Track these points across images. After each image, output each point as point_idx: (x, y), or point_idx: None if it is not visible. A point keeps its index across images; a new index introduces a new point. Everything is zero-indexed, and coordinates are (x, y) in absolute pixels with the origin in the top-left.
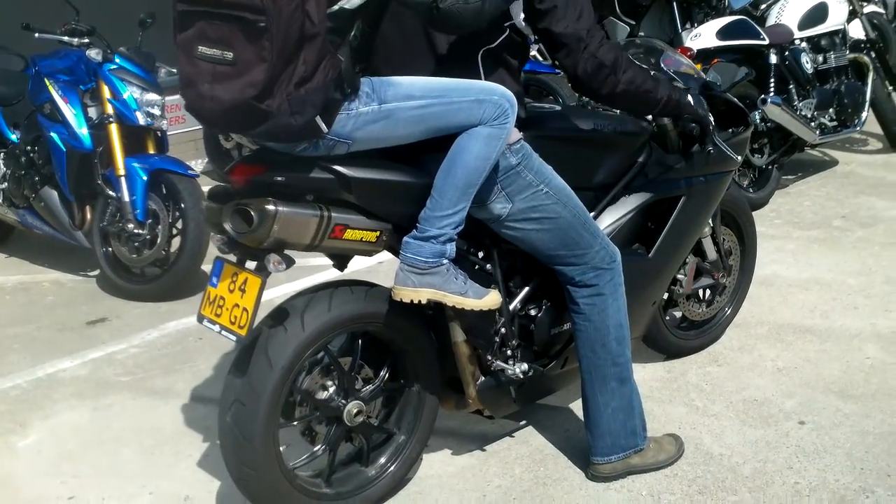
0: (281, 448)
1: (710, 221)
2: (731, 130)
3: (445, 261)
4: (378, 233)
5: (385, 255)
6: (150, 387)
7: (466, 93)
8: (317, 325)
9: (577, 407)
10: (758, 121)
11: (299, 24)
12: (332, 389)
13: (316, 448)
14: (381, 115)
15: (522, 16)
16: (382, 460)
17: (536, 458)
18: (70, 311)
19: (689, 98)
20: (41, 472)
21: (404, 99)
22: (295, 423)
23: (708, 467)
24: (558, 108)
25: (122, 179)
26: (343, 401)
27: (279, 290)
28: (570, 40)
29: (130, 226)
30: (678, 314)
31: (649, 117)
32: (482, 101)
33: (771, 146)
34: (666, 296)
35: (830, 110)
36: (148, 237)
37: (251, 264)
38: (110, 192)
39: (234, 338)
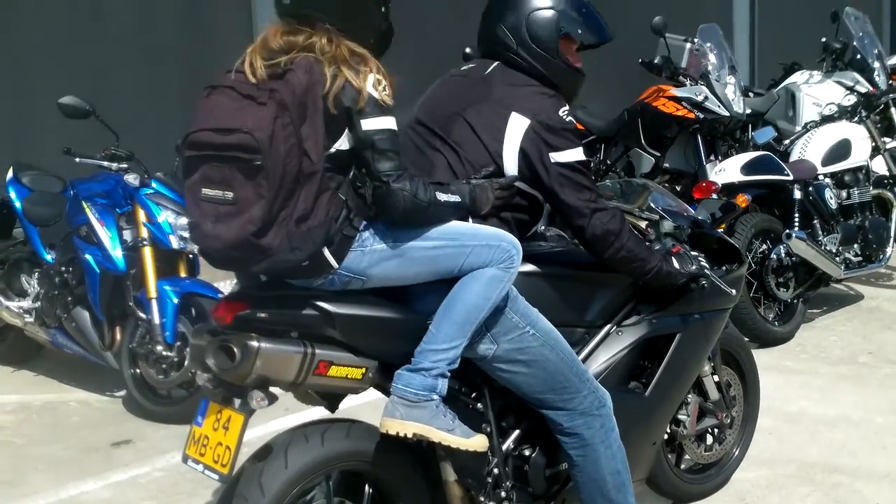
0: None
1: (711, 360)
2: (724, 268)
3: (435, 396)
4: (364, 370)
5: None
6: None
7: (477, 237)
8: (304, 461)
9: None
10: (783, 255)
11: (296, 162)
12: None
13: None
14: (395, 253)
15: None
16: None
17: None
18: (95, 431)
19: (676, 263)
20: None
21: (418, 239)
22: None
23: None
24: (549, 246)
25: (154, 302)
26: None
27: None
28: (580, 207)
29: (159, 348)
30: (685, 456)
31: None
32: (491, 245)
33: (796, 280)
34: (668, 436)
35: (855, 246)
36: (176, 359)
37: (236, 402)
38: (141, 314)
39: (216, 476)
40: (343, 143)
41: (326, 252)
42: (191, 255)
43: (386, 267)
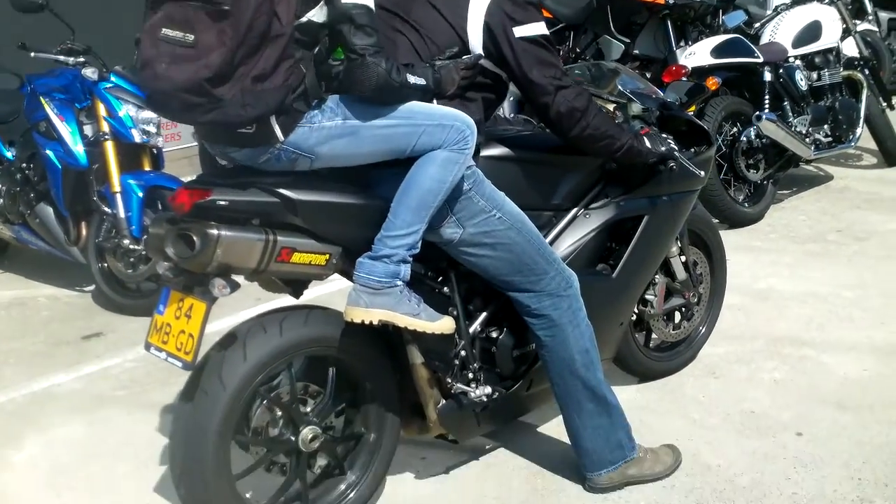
0: (248, 495)
1: (678, 241)
2: (693, 150)
3: (399, 282)
4: (327, 256)
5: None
6: (146, 401)
7: (430, 117)
8: (262, 352)
9: None
10: (753, 137)
11: (265, 19)
12: (280, 424)
13: (286, 478)
14: (346, 130)
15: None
16: (336, 492)
17: (533, 470)
18: (65, 325)
19: (647, 142)
20: (36, 485)
21: (370, 117)
22: (248, 439)
23: (705, 478)
24: (515, 129)
25: (118, 196)
26: (293, 434)
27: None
28: (544, 84)
29: (126, 242)
30: (652, 335)
31: None
32: (445, 125)
33: (766, 162)
34: (636, 316)
35: (825, 126)
36: (143, 253)
37: (198, 290)
38: (106, 209)
39: (180, 364)
40: (316, 15)
41: (274, 122)
42: (154, 150)
43: (335, 146)
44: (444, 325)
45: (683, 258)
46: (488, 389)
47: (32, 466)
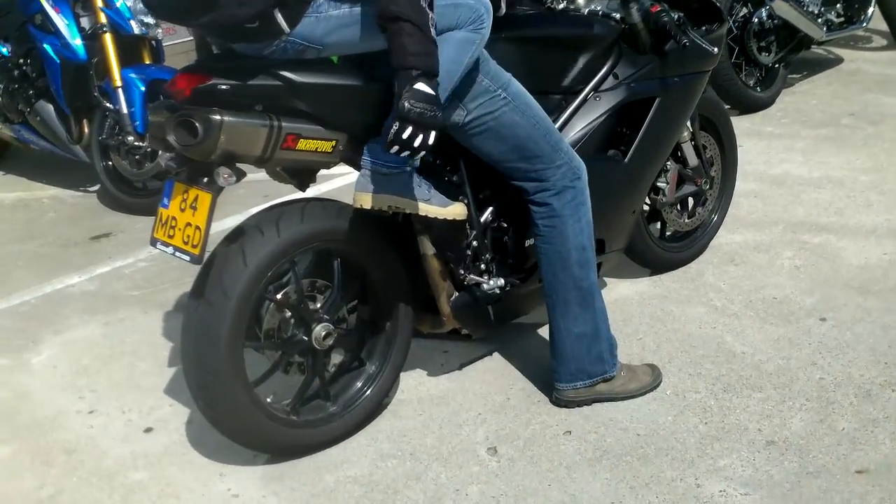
0: (269, 399)
1: (690, 125)
2: (704, 28)
3: (409, 167)
4: (334, 142)
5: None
6: (161, 300)
7: None
8: (262, 256)
9: None
10: (765, 18)
11: None
12: (292, 325)
13: (304, 378)
14: (355, 18)
15: None
16: (355, 388)
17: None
18: (73, 226)
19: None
20: (58, 387)
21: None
22: (261, 344)
23: (731, 365)
24: (523, 9)
25: (120, 91)
26: (306, 334)
27: None
28: None
29: (130, 139)
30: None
31: (617, 16)
32: (459, 4)
33: (778, 44)
34: (647, 206)
35: (837, 6)
36: (149, 150)
37: (202, 181)
38: (108, 105)
39: (187, 258)
40: None
41: (278, 14)
42: (153, 42)
43: (343, 34)
44: (455, 210)
45: (694, 143)
46: (501, 281)
47: (52, 369)
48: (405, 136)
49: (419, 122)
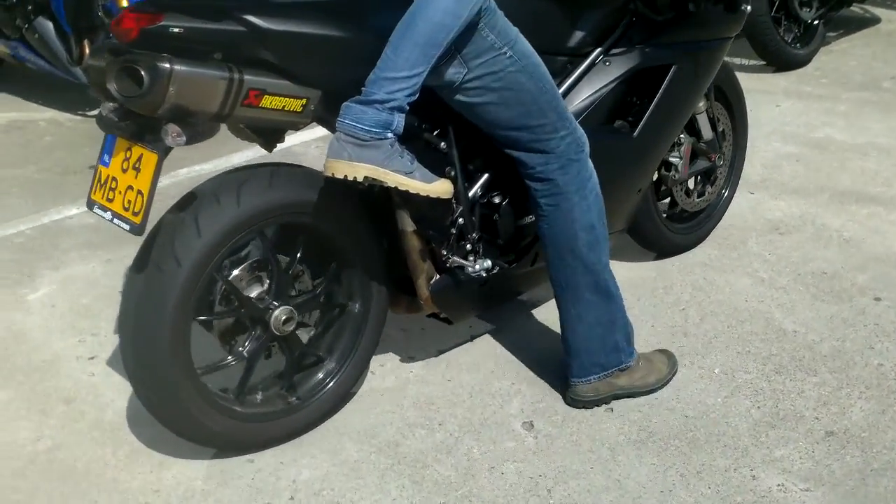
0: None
1: (706, 96)
2: None
3: (391, 134)
4: (304, 100)
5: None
6: None
7: None
8: (218, 226)
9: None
10: None
11: None
12: (264, 286)
13: (231, 357)
14: None
15: None
16: (312, 382)
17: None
18: (71, 153)
19: None
20: (56, 329)
21: None
22: (213, 318)
23: (782, 345)
24: None
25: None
26: (274, 303)
27: None
28: None
29: None
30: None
31: None
32: None
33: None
34: (656, 182)
35: None
36: None
37: (148, 138)
38: None
39: (126, 227)
40: None
41: None
42: None
43: None
44: (440, 187)
45: (710, 114)
46: (488, 263)
47: (50, 308)
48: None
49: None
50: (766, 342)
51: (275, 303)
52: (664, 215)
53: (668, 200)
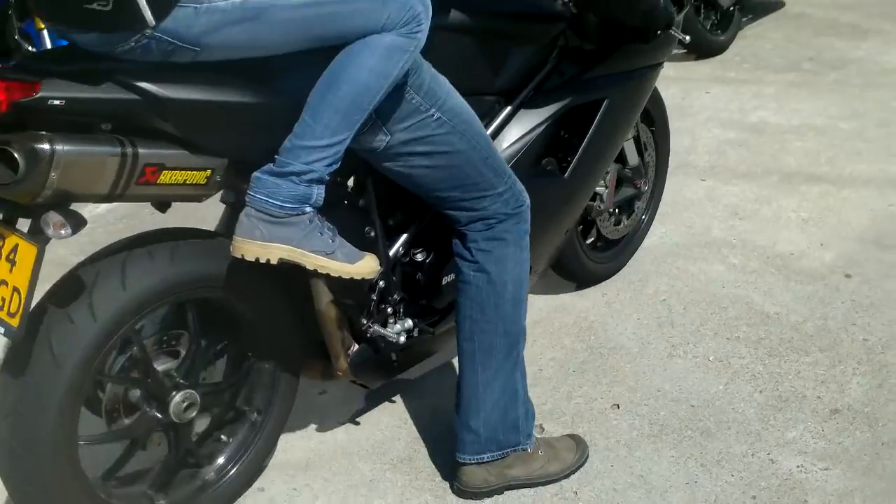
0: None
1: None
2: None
3: (309, 209)
4: (209, 172)
5: None
6: None
7: None
8: (116, 307)
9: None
10: None
11: None
12: (173, 364)
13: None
14: (247, 14)
15: None
16: (189, 488)
17: (582, 326)
18: None
19: None
20: None
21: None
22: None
23: (768, 328)
24: None
25: (45, 33)
26: (180, 383)
27: None
28: None
29: None
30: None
31: None
32: (387, 0)
33: None
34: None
35: None
36: None
37: (24, 227)
38: (30, 49)
39: (1, 330)
40: None
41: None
42: None
43: (229, 35)
44: (365, 267)
45: (636, 139)
46: (409, 324)
47: None
48: None
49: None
50: (752, 326)
51: (181, 383)
52: (589, 245)
53: (592, 230)
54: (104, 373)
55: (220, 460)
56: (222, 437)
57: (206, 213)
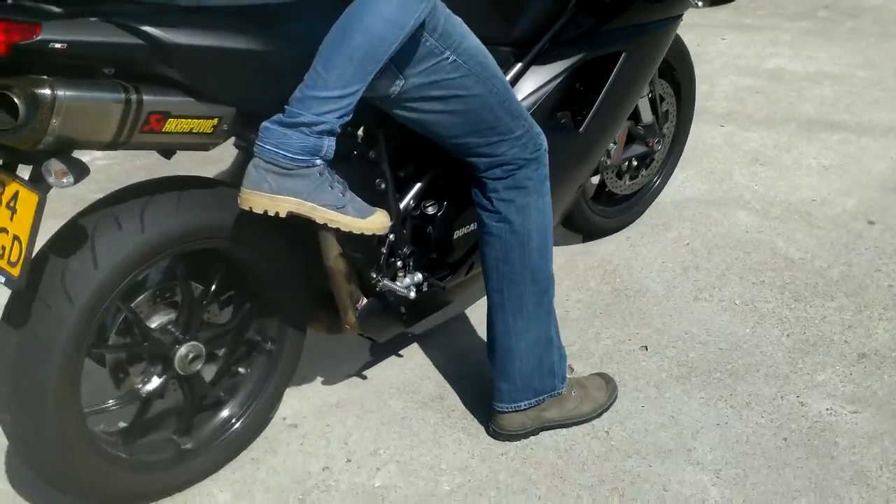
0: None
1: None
2: None
3: (319, 161)
4: (216, 120)
5: None
6: None
7: None
8: (117, 258)
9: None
10: None
11: None
12: (171, 317)
13: (121, 394)
14: None
15: None
16: (211, 426)
17: (607, 269)
18: None
19: None
20: None
21: None
22: (108, 350)
23: (793, 273)
24: None
25: None
26: (179, 337)
27: None
28: None
29: None
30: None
31: None
32: None
33: None
34: None
35: None
36: None
37: (25, 175)
38: None
39: (2, 279)
40: None
41: None
42: None
43: None
44: (376, 222)
45: (651, 96)
46: (419, 278)
47: None
48: None
49: None
50: (776, 271)
51: (181, 337)
52: (592, 197)
53: (596, 182)
54: (116, 311)
55: (242, 393)
56: (240, 370)
57: (223, 155)
